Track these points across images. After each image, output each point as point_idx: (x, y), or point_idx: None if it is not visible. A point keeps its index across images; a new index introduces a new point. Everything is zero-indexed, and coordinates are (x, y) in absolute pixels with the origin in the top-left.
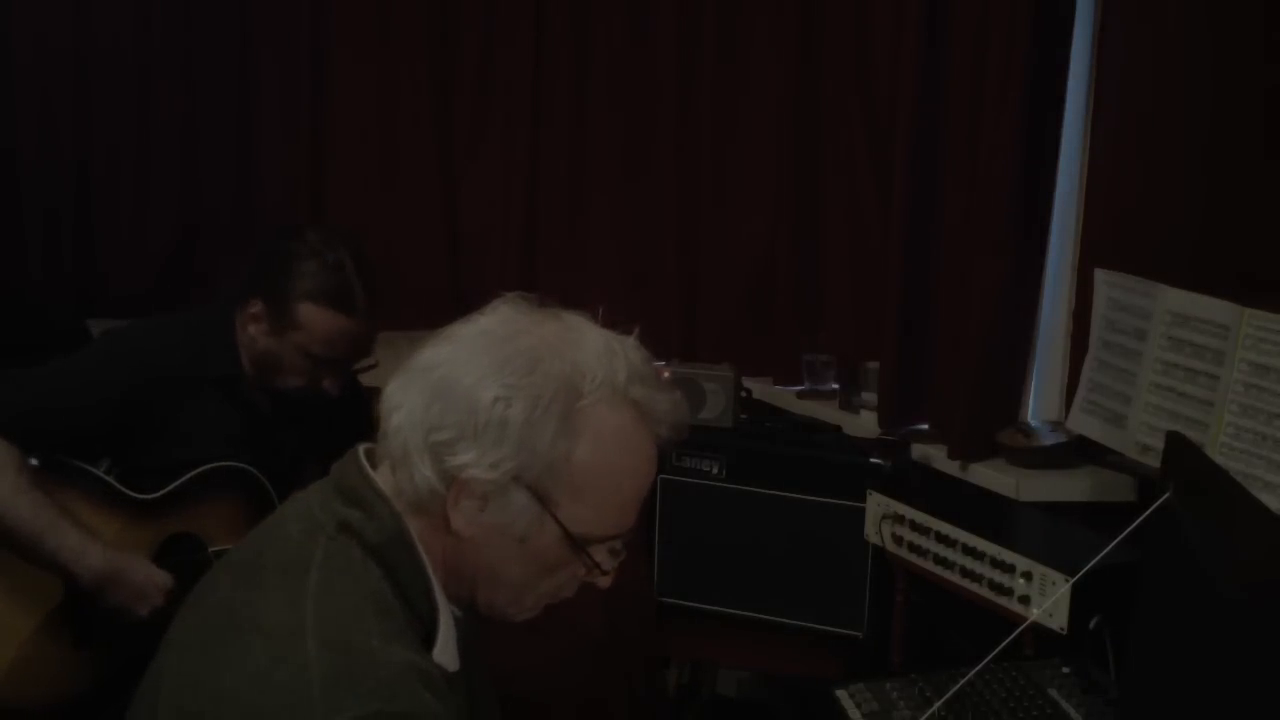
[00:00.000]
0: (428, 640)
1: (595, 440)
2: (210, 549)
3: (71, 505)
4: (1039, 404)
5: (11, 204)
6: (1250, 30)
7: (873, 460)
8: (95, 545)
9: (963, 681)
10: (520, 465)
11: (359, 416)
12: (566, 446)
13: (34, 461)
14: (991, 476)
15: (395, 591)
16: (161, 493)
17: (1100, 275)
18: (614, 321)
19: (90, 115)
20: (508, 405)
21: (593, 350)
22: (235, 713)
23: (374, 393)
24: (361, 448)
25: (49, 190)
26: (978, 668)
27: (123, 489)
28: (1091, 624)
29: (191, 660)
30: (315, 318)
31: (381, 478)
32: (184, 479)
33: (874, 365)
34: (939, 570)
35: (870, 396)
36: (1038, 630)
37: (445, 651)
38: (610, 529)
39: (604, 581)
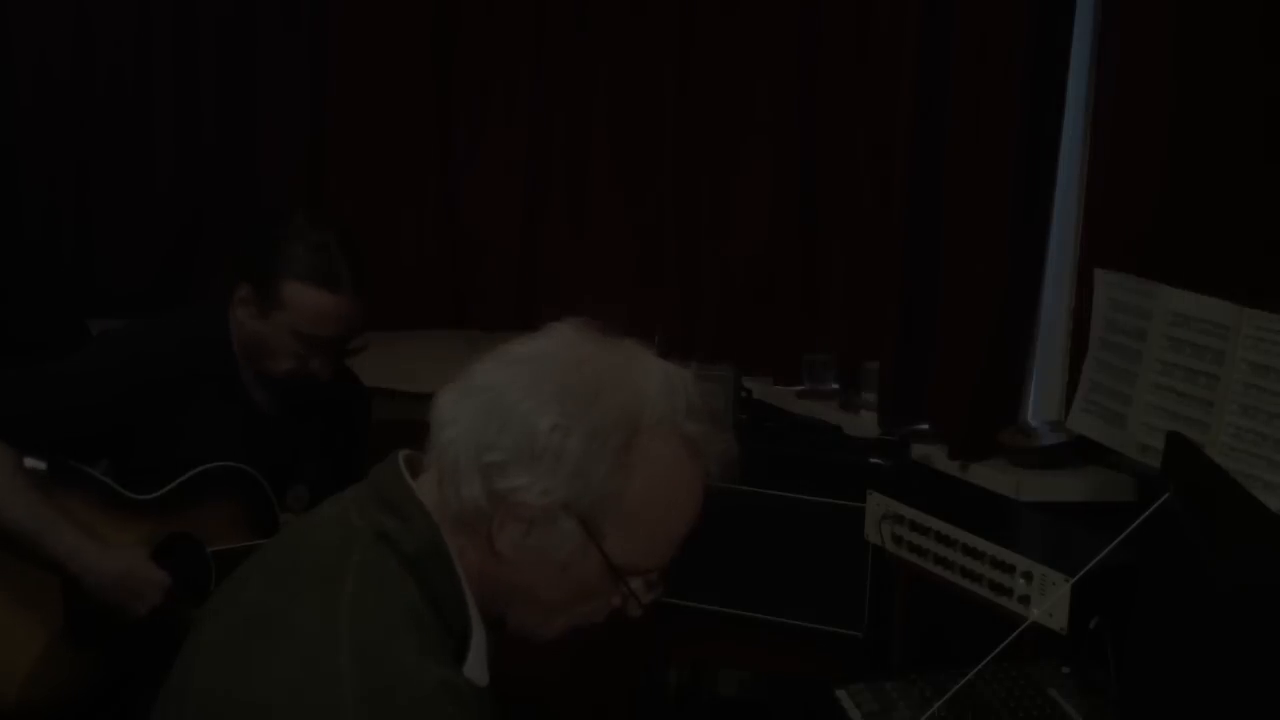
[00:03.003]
0: (458, 654)
1: (649, 475)
2: (208, 549)
3: (69, 505)
4: (1039, 404)
5: (11, 203)
6: (1249, 29)
7: (873, 460)
8: (93, 544)
9: (963, 681)
10: (571, 494)
11: (358, 415)
12: (620, 480)
13: (34, 463)
14: (991, 476)
15: (429, 604)
16: (159, 493)
17: (1100, 275)
18: (613, 321)
19: (90, 114)
20: (566, 434)
21: (654, 384)
22: (266, 718)
23: (374, 392)
24: (402, 454)
25: (49, 190)
26: (978, 668)
27: (120, 489)
28: (1091, 624)
29: (222, 662)
30: (301, 296)
31: (422, 487)
32: (181, 479)
33: (874, 365)
34: (939, 570)
35: (870, 396)
36: (1038, 630)
37: (476, 666)
38: (652, 562)
39: (638, 612)
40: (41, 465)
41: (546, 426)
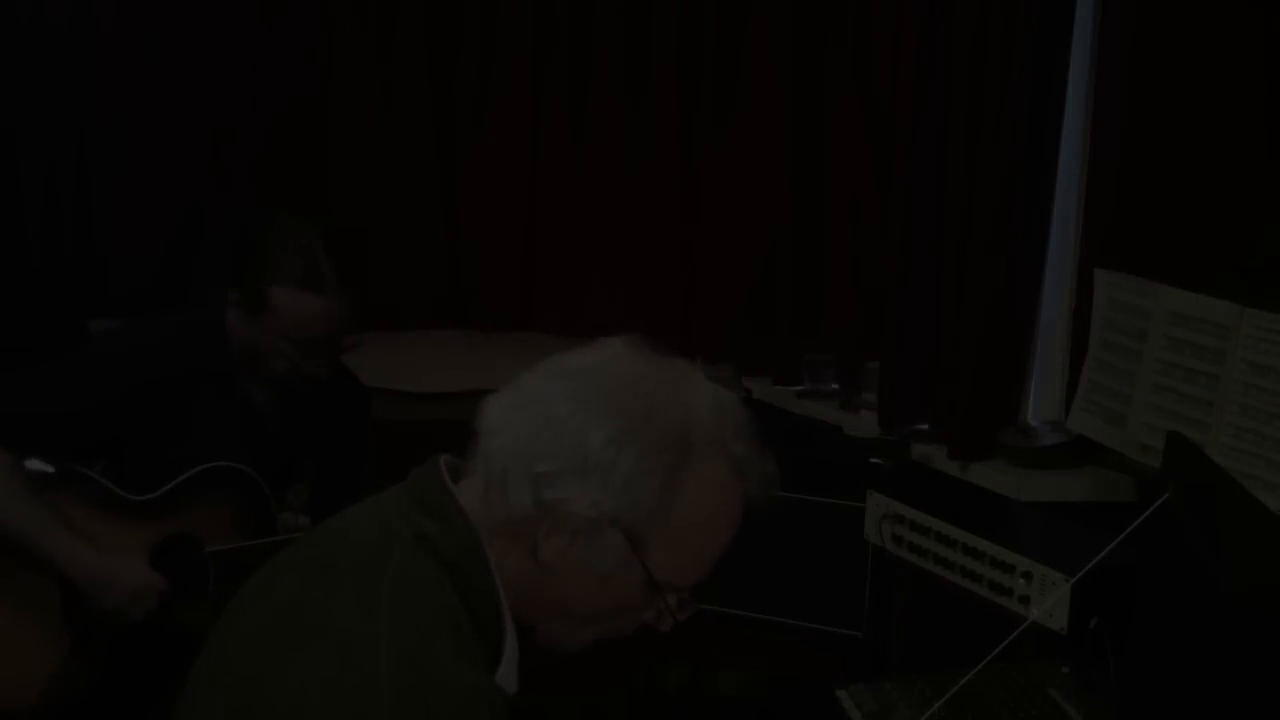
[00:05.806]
0: (491, 660)
1: (697, 494)
2: (207, 549)
3: (66, 508)
4: (1039, 404)
5: (11, 201)
6: (1250, 28)
7: (873, 460)
8: (89, 548)
9: (963, 681)
10: (620, 508)
11: (359, 414)
12: (669, 497)
13: (40, 466)
14: (991, 476)
15: (465, 609)
16: (157, 494)
17: (1100, 275)
18: (612, 320)
19: (91, 113)
20: (619, 450)
21: (705, 404)
22: (301, 714)
23: (374, 392)
24: (443, 458)
25: (49, 188)
26: (978, 668)
27: (118, 490)
28: (1091, 624)
29: (257, 657)
30: (286, 300)
31: (463, 492)
32: (179, 480)
33: (874, 365)
34: (939, 570)
35: (870, 396)
36: (1038, 630)
37: (507, 674)
38: (689, 579)
39: (668, 627)
40: (49, 468)
41: (600, 440)
